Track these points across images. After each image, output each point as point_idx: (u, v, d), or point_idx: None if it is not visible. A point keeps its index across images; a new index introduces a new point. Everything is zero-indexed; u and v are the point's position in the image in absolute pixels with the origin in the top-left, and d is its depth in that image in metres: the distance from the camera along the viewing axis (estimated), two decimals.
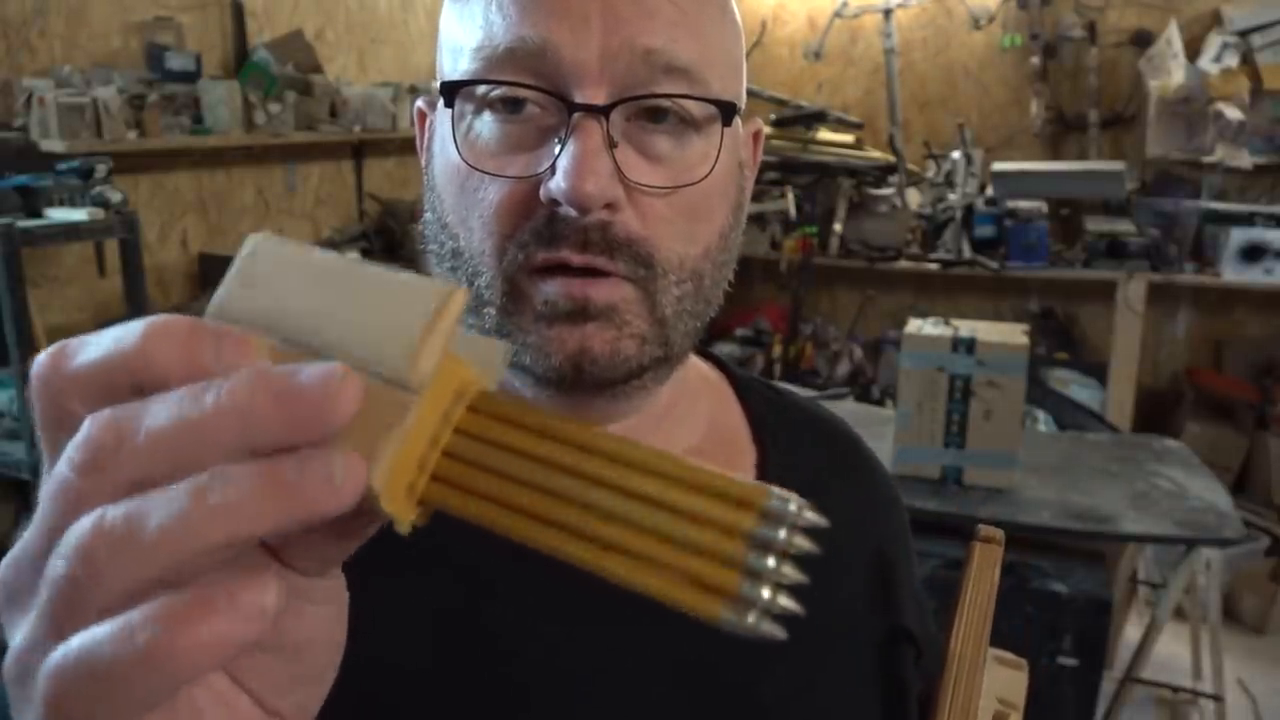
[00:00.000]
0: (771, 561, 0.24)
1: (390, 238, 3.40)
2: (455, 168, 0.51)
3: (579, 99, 0.48)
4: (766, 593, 0.23)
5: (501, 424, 0.26)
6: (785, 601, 0.24)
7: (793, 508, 0.24)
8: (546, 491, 0.25)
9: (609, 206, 0.48)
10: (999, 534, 0.61)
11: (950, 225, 3.76)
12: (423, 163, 0.58)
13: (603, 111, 0.48)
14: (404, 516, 0.26)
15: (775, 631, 0.24)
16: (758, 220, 3.89)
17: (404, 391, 0.25)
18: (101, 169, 2.22)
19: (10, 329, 1.99)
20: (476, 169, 0.50)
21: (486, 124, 0.50)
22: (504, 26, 0.49)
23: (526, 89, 0.49)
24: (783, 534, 0.24)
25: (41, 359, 0.27)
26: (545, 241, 0.49)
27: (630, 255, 0.49)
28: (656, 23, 0.49)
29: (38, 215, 2.12)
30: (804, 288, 3.90)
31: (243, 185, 3.04)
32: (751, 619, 0.23)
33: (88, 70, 2.50)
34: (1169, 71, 3.65)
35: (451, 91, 0.51)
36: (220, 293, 0.28)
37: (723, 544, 0.24)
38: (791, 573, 0.24)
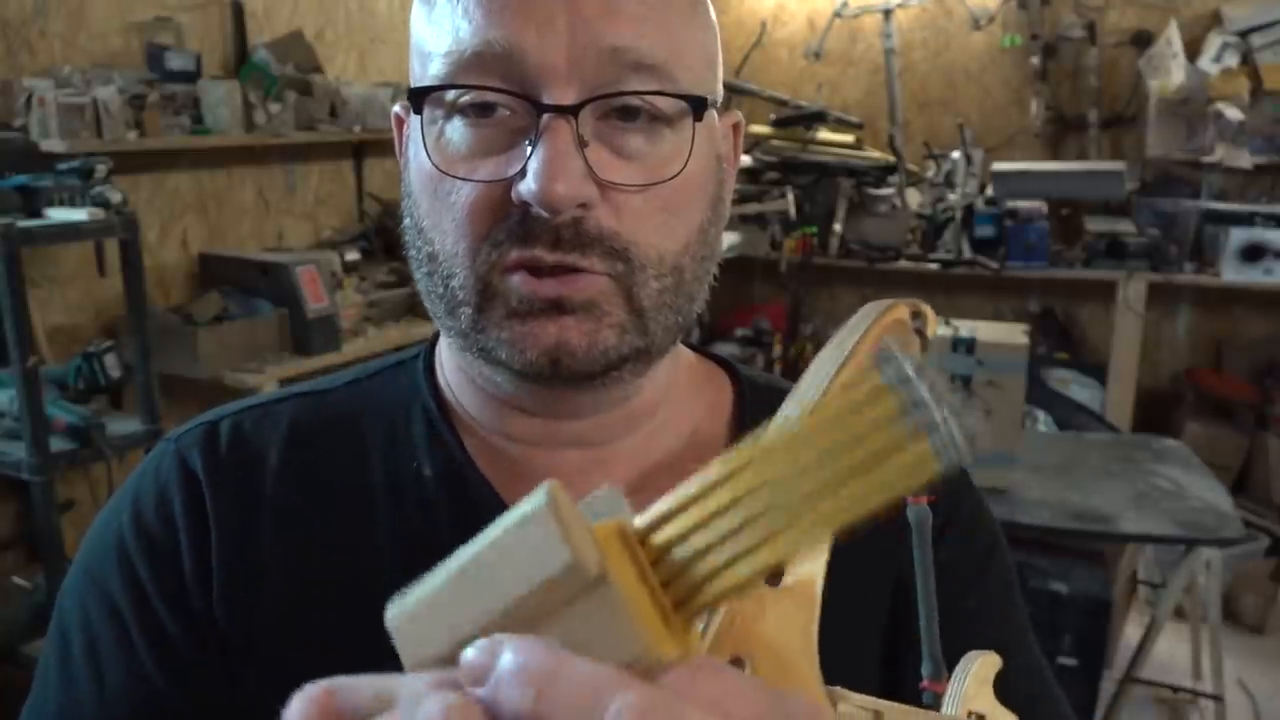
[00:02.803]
0: (924, 392, 0.24)
1: (390, 238, 3.40)
2: (428, 173, 0.52)
3: (548, 100, 0.48)
4: (938, 416, 0.24)
5: (670, 524, 0.27)
6: (961, 422, 0.24)
7: (907, 365, 0.24)
8: (744, 526, 0.25)
9: (582, 206, 0.48)
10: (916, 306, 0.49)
11: (950, 225, 3.76)
12: (401, 168, 0.58)
13: (572, 111, 0.48)
14: (682, 648, 0.26)
15: (967, 453, 0.24)
16: (758, 220, 3.89)
17: (596, 586, 0.25)
18: (101, 169, 2.22)
19: (10, 329, 1.99)
20: (448, 174, 0.51)
21: (456, 128, 0.51)
22: (470, 30, 0.49)
23: (495, 92, 0.49)
24: (914, 373, 0.24)
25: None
26: (518, 240, 0.49)
27: (604, 250, 0.50)
28: (622, 20, 0.49)
29: (38, 215, 2.12)
30: (804, 288, 3.90)
31: (243, 185, 3.04)
32: (944, 443, 0.24)
33: (88, 70, 2.50)
34: (1169, 71, 3.65)
35: (420, 97, 0.51)
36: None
37: (886, 425, 0.24)
38: (947, 391, 0.24)
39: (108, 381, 2.31)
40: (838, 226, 3.89)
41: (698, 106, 0.51)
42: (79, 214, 2.13)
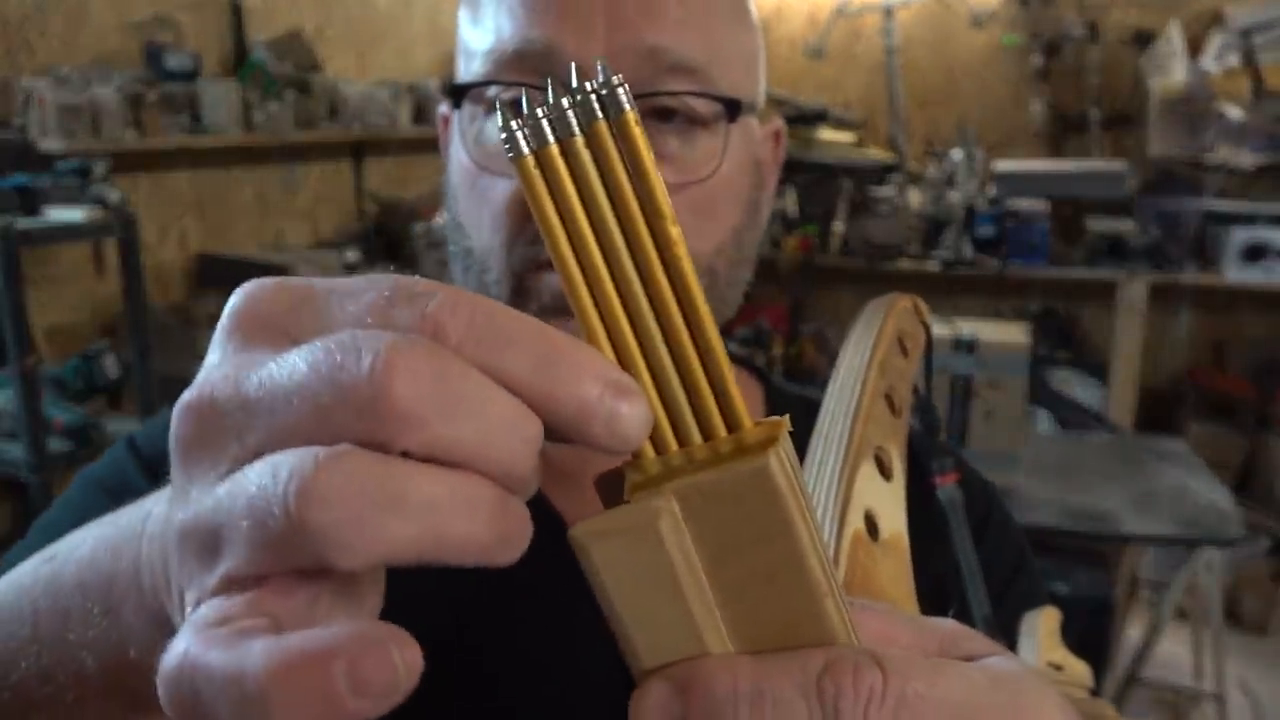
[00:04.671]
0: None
1: (390, 237, 3.39)
2: (466, 169, 0.53)
3: None
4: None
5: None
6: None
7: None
8: None
9: None
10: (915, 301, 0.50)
11: (951, 225, 3.76)
12: (445, 167, 0.60)
13: None
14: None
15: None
16: None
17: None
18: (100, 168, 2.22)
19: (8, 329, 1.99)
20: (485, 169, 0.52)
21: (494, 125, 0.51)
22: (512, 29, 0.50)
23: (532, 88, 0.49)
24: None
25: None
26: None
27: None
28: (662, 22, 0.50)
29: (36, 215, 2.12)
30: (804, 287, 3.89)
31: (242, 185, 3.04)
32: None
33: (86, 70, 2.49)
34: (1170, 71, 3.64)
35: (459, 94, 0.53)
36: None
37: None
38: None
39: (106, 381, 2.31)
40: (838, 226, 3.89)
41: (732, 109, 0.52)
42: (77, 214, 2.13)
